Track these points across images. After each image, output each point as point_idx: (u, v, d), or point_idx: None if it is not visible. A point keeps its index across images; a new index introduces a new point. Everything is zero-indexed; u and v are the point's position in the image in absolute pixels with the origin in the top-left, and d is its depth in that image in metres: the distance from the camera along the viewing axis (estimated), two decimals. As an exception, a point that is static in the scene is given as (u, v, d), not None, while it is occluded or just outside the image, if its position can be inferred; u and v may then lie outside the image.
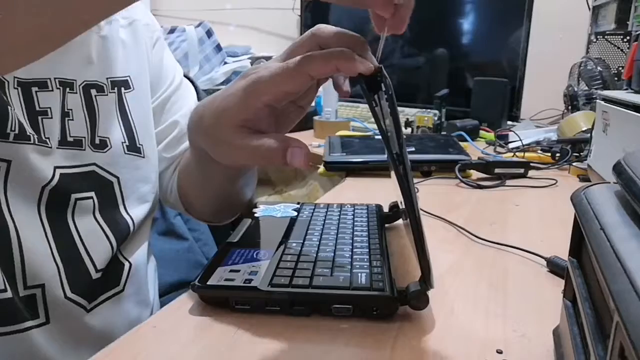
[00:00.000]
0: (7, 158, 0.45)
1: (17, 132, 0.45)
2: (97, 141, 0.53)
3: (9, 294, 0.45)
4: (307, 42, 0.41)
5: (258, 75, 0.40)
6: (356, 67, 0.37)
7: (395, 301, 0.39)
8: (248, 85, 0.40)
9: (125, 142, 0.55)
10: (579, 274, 0.31)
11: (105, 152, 0.53)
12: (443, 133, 1.31)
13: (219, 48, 1.68)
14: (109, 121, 0.54)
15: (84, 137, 0.51)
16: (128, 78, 0.57)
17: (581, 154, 0.97)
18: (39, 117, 0.48)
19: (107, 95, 0.54)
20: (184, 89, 0.67)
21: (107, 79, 0.54)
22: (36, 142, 0.47)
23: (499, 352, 0.36)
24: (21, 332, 0.47)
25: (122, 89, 0.56)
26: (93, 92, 0.53)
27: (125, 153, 0.55)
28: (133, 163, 0.56)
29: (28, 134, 0.46)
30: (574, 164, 0.95)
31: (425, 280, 0.38)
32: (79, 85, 0.52)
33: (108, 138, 0.53)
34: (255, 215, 0.59)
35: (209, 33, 1.68)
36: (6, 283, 0.45)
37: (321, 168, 0.96)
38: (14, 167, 0.45)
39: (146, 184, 0.59)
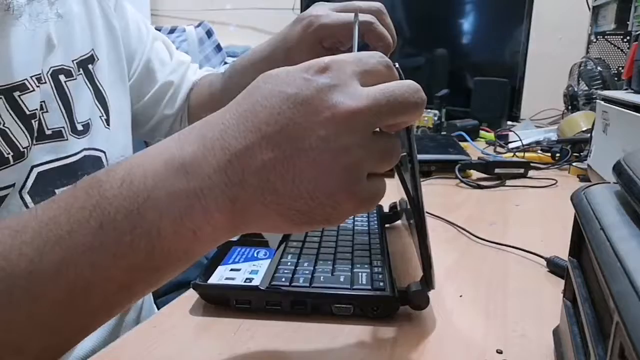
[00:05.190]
0: (12, 183, 0.44)
1: (13, 153, 0.43)
2: (79, 128, 0.51)
3: None
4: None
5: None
6: None
7: (396, 301, 0.39)
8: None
9: (102, 115, 0.55)
10: (579, 274, 0.31)
11: (90, 133, 0.52)
12: (443, 133, 1.31)
13: (219, 48, 1.68)
14: (85, 103, 0.53)
15: (63, 127, 0.49)
16: (92, 52, 0.55)
17: (581, 154, 0.98)
18: (32, 121, 0.45)
19: (75, 79, 0.52)
20: (157, 39, 0.71)
21: (72, 61, 0.52)
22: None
23: (499, 352, 0.36)
24: None
25: (89, 65, 0.55)
26: (62, 78, 0.50)
27: (105, 127, 0.55)
28: (112, 137, 0.56)
29: (22, 150, 0.44)
30: (574, 164, 0.94)
31: (427, 280, 0.38)
32: (47, 74, 0.49)
33: (89, 119, 0.52)
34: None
35: (209, 33, 1.68)
36: None
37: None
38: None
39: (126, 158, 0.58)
